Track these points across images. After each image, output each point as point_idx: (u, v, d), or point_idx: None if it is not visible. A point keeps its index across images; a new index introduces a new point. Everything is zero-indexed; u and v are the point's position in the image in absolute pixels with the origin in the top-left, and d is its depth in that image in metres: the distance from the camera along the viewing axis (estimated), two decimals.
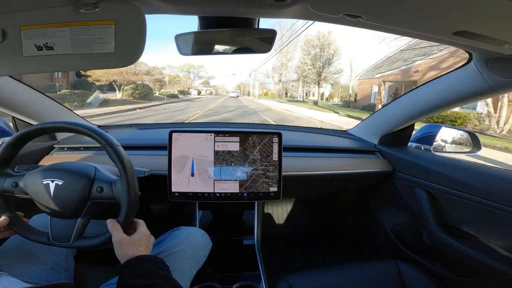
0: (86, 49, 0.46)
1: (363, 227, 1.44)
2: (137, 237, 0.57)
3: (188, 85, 42.24)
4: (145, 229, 0.60)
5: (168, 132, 0.88)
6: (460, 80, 0.80)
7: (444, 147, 1.10)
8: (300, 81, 27.43)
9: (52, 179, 0.56)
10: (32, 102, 0.94)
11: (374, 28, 0.56)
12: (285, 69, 32.47)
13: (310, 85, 27.98)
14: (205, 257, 0.76)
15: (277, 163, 0.91)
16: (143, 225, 0.61)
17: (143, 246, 0.56)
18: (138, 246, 0.55)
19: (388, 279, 0.79)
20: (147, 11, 0.50)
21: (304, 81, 25.75)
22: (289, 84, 34.31)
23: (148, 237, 0.59)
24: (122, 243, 0.54)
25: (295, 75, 28.69)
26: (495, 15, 0.43)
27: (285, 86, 35.78)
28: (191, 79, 43.92)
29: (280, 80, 34.34)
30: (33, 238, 0.59)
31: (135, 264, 0.51)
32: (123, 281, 0.48)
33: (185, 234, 0.74)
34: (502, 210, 0.73)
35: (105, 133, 0.58)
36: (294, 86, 33.90)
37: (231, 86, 67.35)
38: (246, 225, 1.07)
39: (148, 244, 0.58)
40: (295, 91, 34.40)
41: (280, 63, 32.27)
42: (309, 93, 34.81)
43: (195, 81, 46.20)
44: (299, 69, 24.99)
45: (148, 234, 0.60)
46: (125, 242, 0.55)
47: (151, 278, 0.48)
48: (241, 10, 0.53)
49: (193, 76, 44.31)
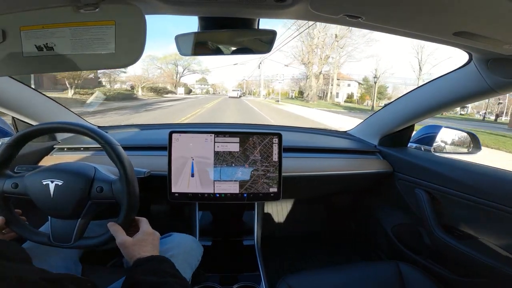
0: (86, 50, 0.46)
1: (363, 227, 1.44)
2: (141, 237, 0.56)
3: (174, 81, 33.95)
4: (147, 227, 0.59)
5: (168, 133, 0.88)
6: (460, 80, 0.80)
7: (444, 147, 1.10)
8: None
9: (52, 179, 0.56)
10: (32, 102, 0.94)
11: (374, 29, 0.56)
12: (336, 51, 23.76)
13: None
14: (198, 261, 0.76)
15: (277, 164, 0.91)
16: (145, 223, 0.60)
17: (149, 245, 0.55)
18: (144, 246, 0.54)
19: (388, 279, 0.78)
20: (147, 11, 0.50)
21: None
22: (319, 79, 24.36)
23: (153, 235, 0.58)
24: (126, 245, 0.53)
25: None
26: (495, 15, 0.43)
27: (303, 84, 26.64)
28: (179, 73, 34.66)
29: (321, 73, 24.44)
30: (33, 239, 0.59)
31: (147, 263, 0.49)
32: (132, 278, 0.46)
33: (176, 240, 0.74)
34: (502, 210, 0.73)
35: (105, 133, 0.58)
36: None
37: (232, 83, 57.65)
38: (246, 226, 1.07)
39: (154, 242, 0.56)
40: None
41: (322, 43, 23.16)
42: (324, 93, 28.11)
43: (186, 76, 37.20)
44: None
45: (152, 232, 0.58)
46: (129, 245, 0.53)
47: (163, 276, 0.46)
48: (241, 11, 0.53)
49: (182, 69, 34.94)
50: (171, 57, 32.56)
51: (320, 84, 25.34)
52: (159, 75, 32.63)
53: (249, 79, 47.51)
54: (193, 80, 48.46)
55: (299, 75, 29.35)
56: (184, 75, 36.72)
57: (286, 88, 36.33)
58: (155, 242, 0.57)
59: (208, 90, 50.79)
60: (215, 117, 9.65)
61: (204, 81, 50.72)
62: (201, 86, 50.14)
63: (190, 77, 44.18)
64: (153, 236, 0.57)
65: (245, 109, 13.44)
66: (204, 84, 50.69)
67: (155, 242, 0.57)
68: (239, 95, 30.73)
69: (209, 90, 50.81)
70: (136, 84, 25.65)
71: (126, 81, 26.55)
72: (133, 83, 26.15)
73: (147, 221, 0.60)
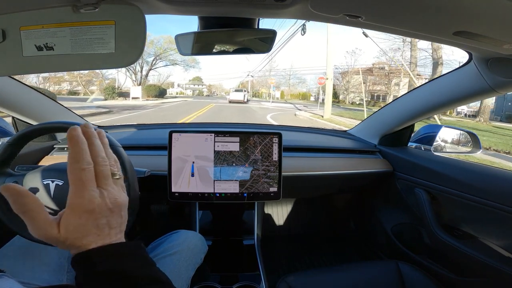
0: (86, 50, 0.46)
1: (363, 227, 1.44)
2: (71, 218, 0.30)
3: (135, 80, 22.22)
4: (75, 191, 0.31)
5: (168, 132, 0.88)
6: (460, 80, 0.80)
7: (444, 147, 1.10)
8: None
9: (52, 179, 0.56)
10: (32, 102, 0.94)
11: (374, 28, 0.56)
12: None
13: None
14: (201, 260, 0.77)
15: (277, 163, 0.91)
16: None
17: (90, 227, 0.29)
18: (81, 230, 0.30)
19: (388, 279, 0.78)
20: (147, 11, 0.50)
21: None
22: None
23: (89, 211, 0.30)
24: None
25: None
26: (495, 15, 0.43)
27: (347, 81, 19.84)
28: (148, 64, 23.72)
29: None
30: (33, 238, 0.59)
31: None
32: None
33: (183, 237, 0.75)
34: (502, 210, 0.73)
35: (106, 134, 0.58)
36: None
37: (232, 83, 46.58)
38: (246, 225, 1.07)
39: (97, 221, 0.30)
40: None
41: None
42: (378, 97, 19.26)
43: (160, 67, 25.24)
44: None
45: (86, 203, 0.30)
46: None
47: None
48: (241, 10, 0.53)
49: (153, 60, 23.90)
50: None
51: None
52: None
53: (255, 77, 35.93)
54: (184, 79, 40.46)
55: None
56: (156, 68, 25.36)
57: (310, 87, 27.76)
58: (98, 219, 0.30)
59: (201, 91, 41.08)
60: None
61: (199, 81, 41.53)
62: (194, 86, 41.32)
63: (179, 75, 35.55)
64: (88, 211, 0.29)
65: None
66: (197, 84, 41.69)
67: (111, 219, 0.30)
68: (246, 99, 21.38)
69: (203, 92, 40.99)
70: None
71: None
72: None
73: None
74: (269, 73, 32.43)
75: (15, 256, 0.63)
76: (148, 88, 21.56)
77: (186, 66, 28.10)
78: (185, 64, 27.29)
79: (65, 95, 19.27)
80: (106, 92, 18.27)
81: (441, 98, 0.88)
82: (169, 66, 26.51)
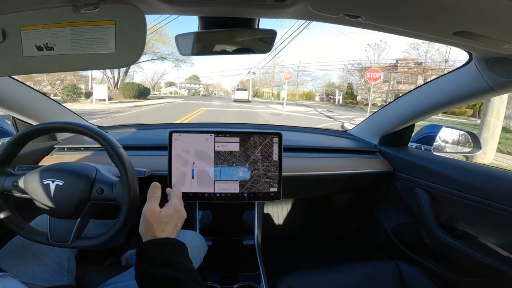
0: (87, 50, 0.46)
1: (363, 227, 1.44)
2: (167, 213, 0.49)
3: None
4: (176, 201, 0.52)
5: (168, 133, 0.88)
6: (460, 80, 0.80)
7: (444, 147, 1.10)
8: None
9: (53, 179, 0.56)
10: (32, 102, 0.94)
11: (374, 28, 0.56)
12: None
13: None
14: (201, 260, 0.77)
15: (278, 163, 0.91)
16: (175, 197, 0.54)
17: (171, 224, 0.49)
18: (165, 224, 0.48)
19: (388, 279, 0.78)
20: (147, 11, 0.50)
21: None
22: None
23: (179, 213, 0.51)
24: (147, 218, 0.47)
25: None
26: (495, 15, 0.43)
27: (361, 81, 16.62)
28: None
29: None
30: (32, 238, 0.59)
31: (158, 248, 0.44)
32: (142, 270, 0.42)
33: (183, 236, 0.74)
34: (502, 210, 0.73)
35: (106, 134, 0.58)
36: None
37: (232, 81, 43.84)
38: (246, 225, 1.07)
39: (177, 222, 0.50)
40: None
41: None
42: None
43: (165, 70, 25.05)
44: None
45: (179, 209, 0.51)
46: (151, 218, 0.47)
47: (175, 269, 0.41)
48: (241, 11, 0.53)
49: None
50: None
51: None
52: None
53: (257, 74, 32.63)
54: (178, 78, 37.89)
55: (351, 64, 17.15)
56: (139, 63, 21.96)
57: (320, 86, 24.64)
58: (179, 222, 0.51)
59: (197, 90, 40.11)
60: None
61: (195, 80, 40.03)
62: (190, 85, 39.58)
63: (173, 74, 32.41)
64: (178, 214, 0.51)
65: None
66: (194, 83, 40.33)
67: (179, 223, 0.51)
68: (249, 98, 22.08)
69: (199, 91, 40.29)
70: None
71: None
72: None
73: (178, 195, 0.55)
74: (273, 69, 29.96)
75: (15, 256, 0.63)
76: (125, 87, 17.59)
77: (175, 61, 24.58)
78: (174, 58, 23.60)
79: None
80: (65, 92, 14.23)
81: (441, 98, 0.88)
82: (155, 61, 23.67)
